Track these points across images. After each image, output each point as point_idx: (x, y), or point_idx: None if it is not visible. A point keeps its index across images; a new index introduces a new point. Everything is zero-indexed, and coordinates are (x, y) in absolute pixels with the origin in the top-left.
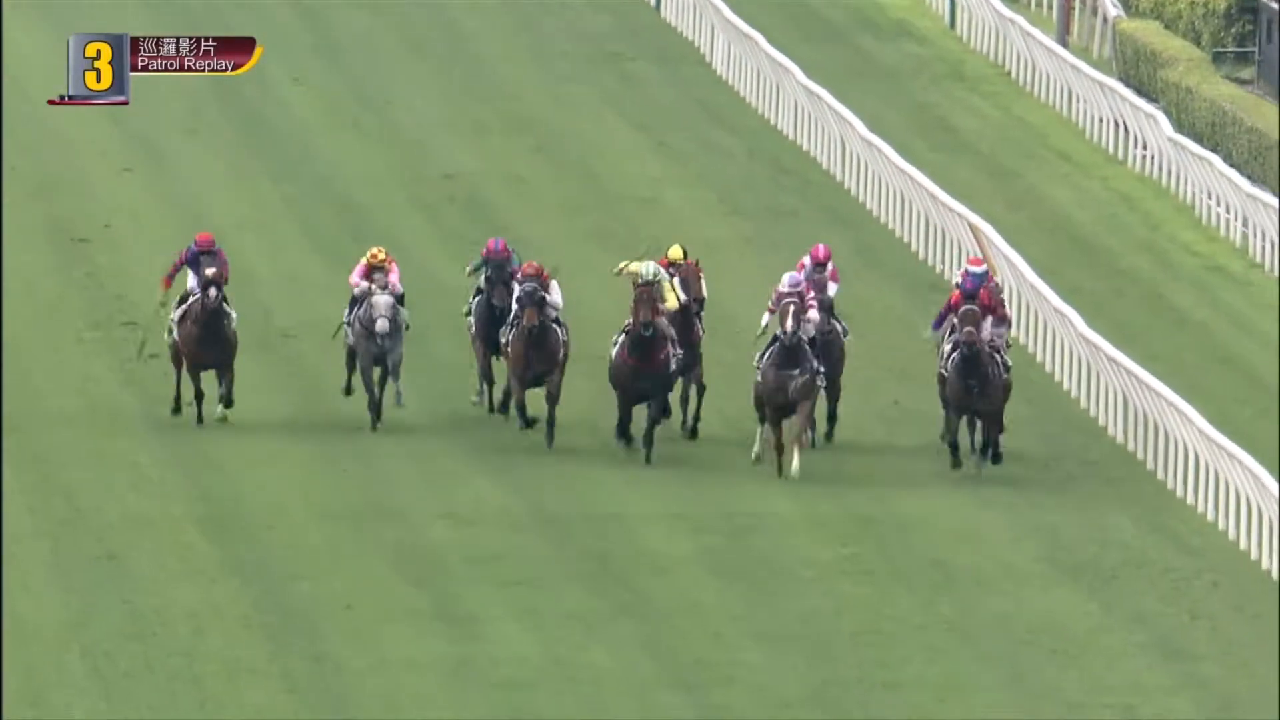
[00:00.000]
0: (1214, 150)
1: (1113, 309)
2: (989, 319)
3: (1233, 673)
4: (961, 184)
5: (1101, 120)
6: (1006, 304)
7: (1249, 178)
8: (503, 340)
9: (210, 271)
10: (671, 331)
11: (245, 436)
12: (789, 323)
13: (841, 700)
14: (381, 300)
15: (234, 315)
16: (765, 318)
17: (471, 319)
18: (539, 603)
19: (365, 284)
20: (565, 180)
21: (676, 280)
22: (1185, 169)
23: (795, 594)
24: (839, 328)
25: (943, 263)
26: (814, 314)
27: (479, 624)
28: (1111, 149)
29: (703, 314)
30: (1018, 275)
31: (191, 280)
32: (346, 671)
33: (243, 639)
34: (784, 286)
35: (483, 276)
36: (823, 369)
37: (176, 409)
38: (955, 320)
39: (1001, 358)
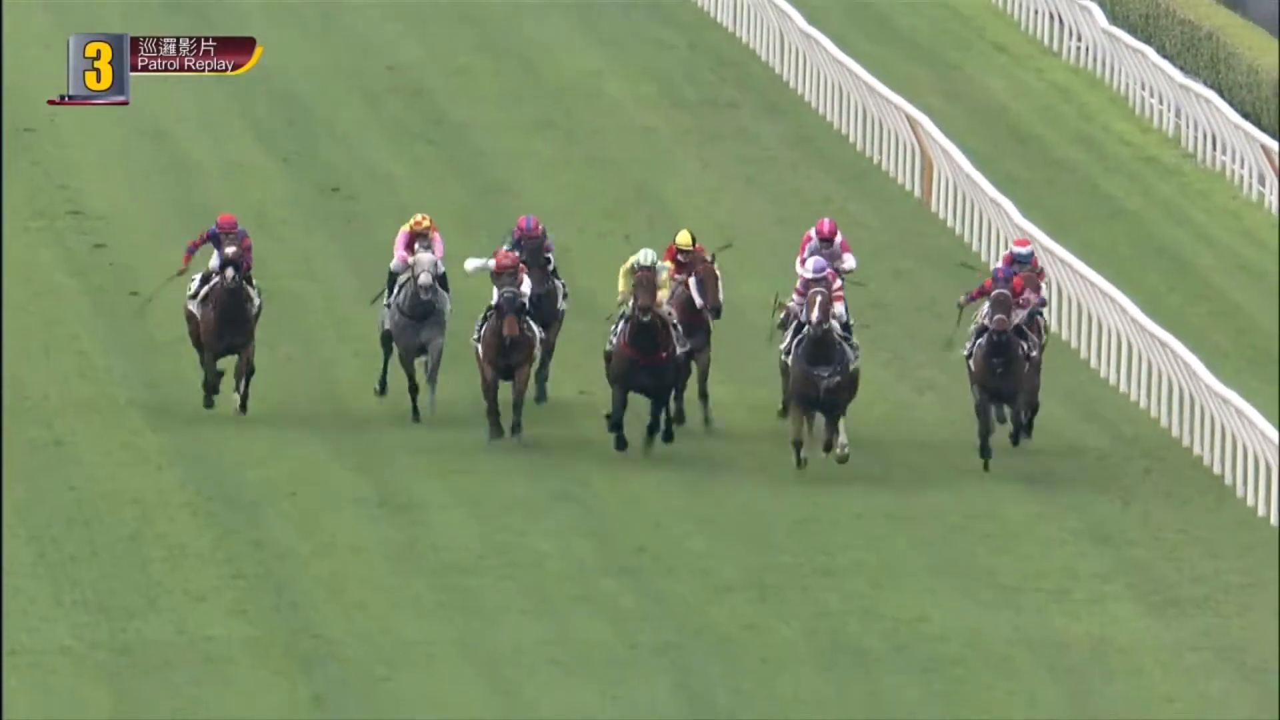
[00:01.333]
0: (1147, 42)
1: (1047, 199)
2: (1018, 310)
3: (1163, 558)
4: (899, 76)
5: (1037, 12)
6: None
7: (1181, 69)
8: (473, 338)
9: (231, 250)
10: (674, 321)
11: None
12: (815, 313)
13: (780, 585)
14: (425, 257)
15: (257, 298)
16: (788, 305)
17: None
18: (481, 491)
19: (407, 258)
20: (507, 72)
21: (693, 280)
22: (1119, 60)
23: (735, 483)
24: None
25: (879, 153)
26: (840, 307)
27: (421, 511)
28: (1046, 41)
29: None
30: (954, 166)
31: (214, 259)
32: (290, 557)
33: (188, 524)
34: (809, 273)
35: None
36: (858, 357)
37: (209, 397)
38: (988, 304)
39: (1028, 343)
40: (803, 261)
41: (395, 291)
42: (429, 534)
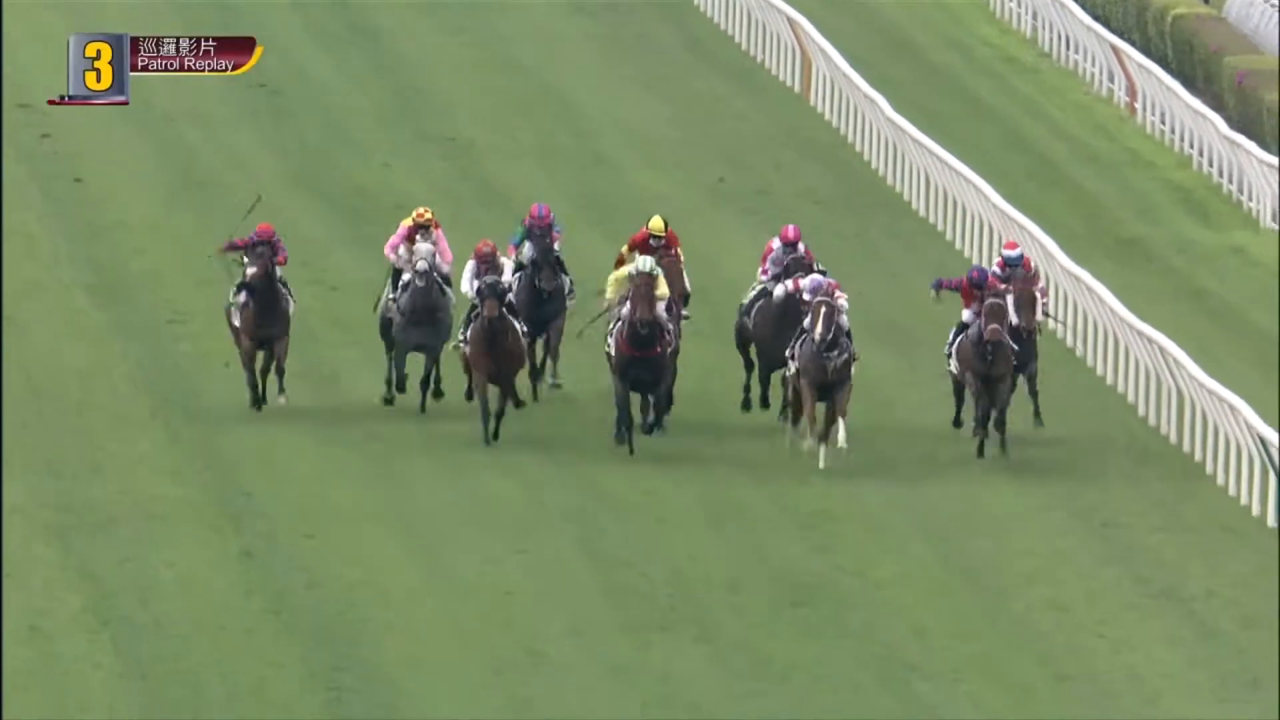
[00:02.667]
0: None
1: (918, 96)
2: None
3: (1021, 424)
4: None
5: None
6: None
7: None
8: (461, 338)
9: (252, 271)
10: (668, 321)
11: (131, 206)
12: (819, 329)
13: (675, 455)
14: (423, 246)
15: (292, 299)
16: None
17: (512, 300)
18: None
19: (405, 254)
20: None
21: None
22: None
23: None
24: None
25: (763, 53)
26: (843, 301)
27: (343, 383)
28: None
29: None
30: (831, 65)
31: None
32: (223, 424)
33: (128, 394)
34: (807, 294)
35: (527, 256)
36: (857, 356)
37: (256, 400)
38: (979, 308)
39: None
40: (764, 271)
41: (397, 291)
42: (351, 405)
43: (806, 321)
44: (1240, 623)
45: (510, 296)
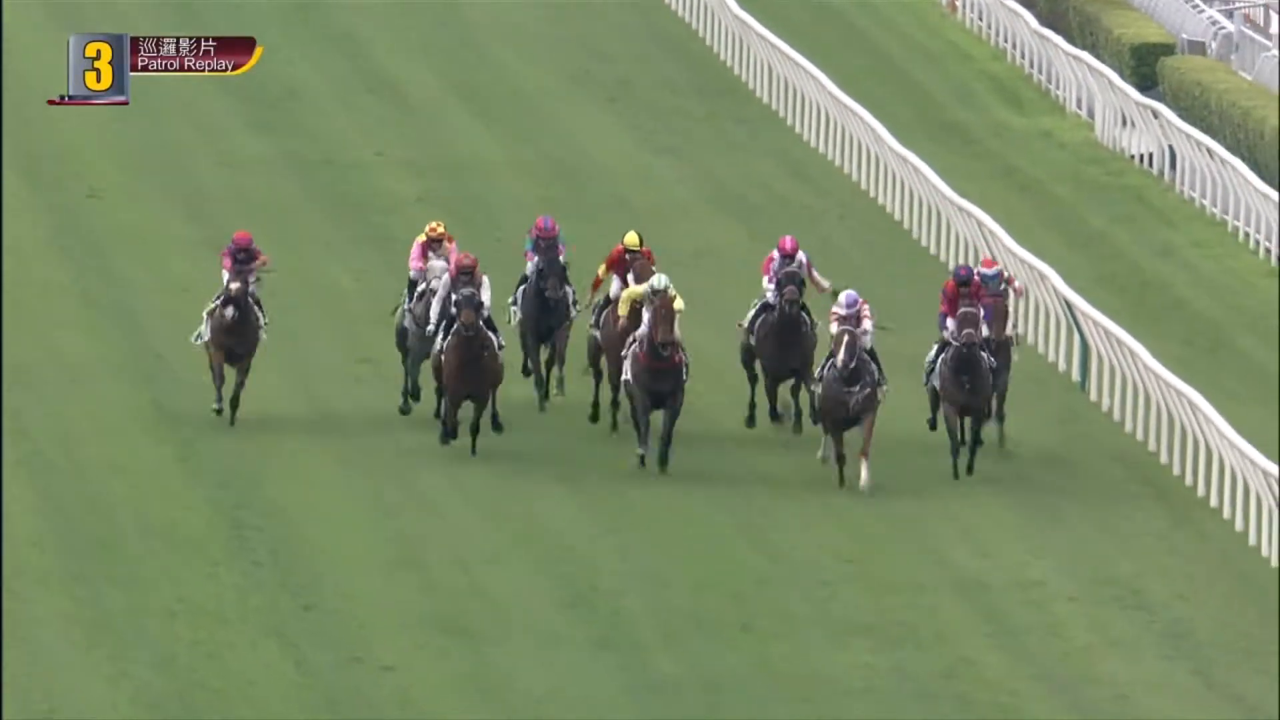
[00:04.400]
0: None
1: (785, 14)
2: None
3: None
4: None
5: None
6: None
7: None
8: (436, 348)
9: (234, 287)
10: (680, 336)
11: (50, 90)
12: (842, 355)
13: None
14: (437, 264)
15: (263, 319)
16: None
17: (516, 309)
18: (292, 233)
19: (423, 267)
20: None
21: (631, 275)
22: None
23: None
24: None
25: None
26: (868, 324)
27: None
28: None
29: None
30: None
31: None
32: (136, 289)
33: (50, 263)
34: (842, 309)
35: (532, 266)
36: (884, 383)
37: (220, 408)
38: (953, 319)
39: (990, 355)
40: (771, 278)
41: (413, 301)
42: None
43: (830, 349)
44: (1044, 466)
45: (496, 307)
